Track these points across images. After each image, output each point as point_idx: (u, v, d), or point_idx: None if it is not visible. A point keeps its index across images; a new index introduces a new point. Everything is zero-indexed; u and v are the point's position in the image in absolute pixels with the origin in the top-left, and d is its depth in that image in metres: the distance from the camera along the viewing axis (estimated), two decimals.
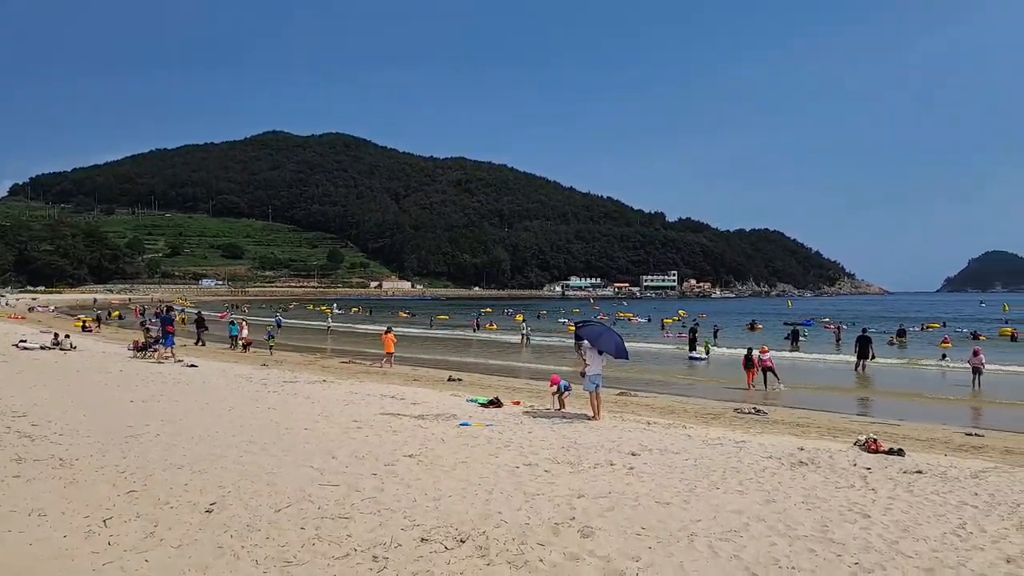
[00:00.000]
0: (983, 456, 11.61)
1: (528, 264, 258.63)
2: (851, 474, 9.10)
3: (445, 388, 19.20)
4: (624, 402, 17.82)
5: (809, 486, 8.31)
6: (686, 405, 17.72)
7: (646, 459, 9.60)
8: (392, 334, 27.54)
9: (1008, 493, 8.28)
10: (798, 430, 14.00)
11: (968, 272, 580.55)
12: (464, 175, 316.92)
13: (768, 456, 10.13)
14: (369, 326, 59.95)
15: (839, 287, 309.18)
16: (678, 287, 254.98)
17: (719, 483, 8.27)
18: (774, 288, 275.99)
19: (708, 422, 14.64)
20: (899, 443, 11.83)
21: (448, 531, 5.99)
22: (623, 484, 8.02)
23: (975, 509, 7.48)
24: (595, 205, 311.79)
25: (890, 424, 15.63)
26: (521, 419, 13.17)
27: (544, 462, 9.12)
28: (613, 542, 5.83)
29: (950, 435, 14.16)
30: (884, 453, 10.81)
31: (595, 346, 14.04)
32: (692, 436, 11.97)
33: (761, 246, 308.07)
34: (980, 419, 17.62)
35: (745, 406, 17.30)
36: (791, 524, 6.58)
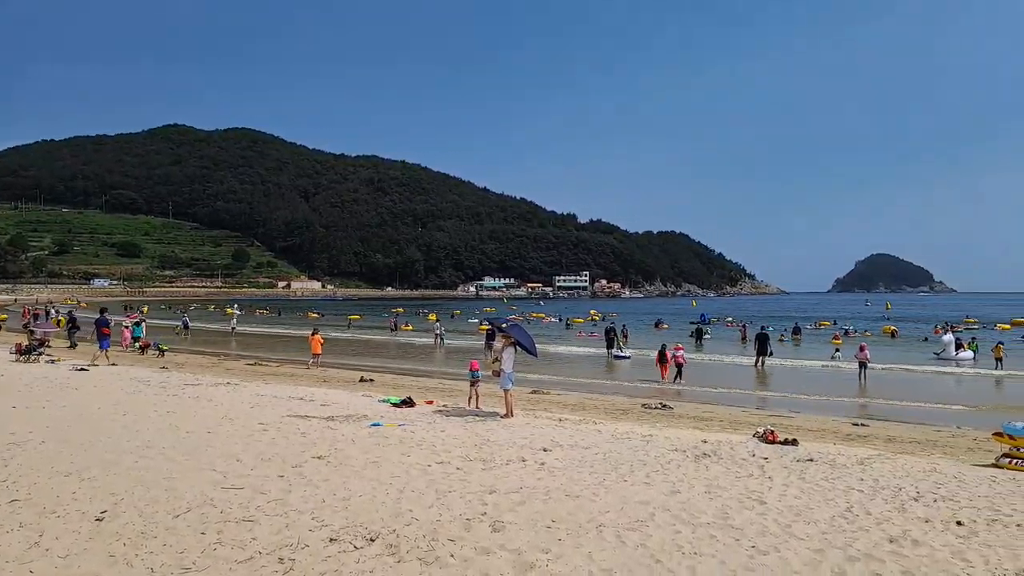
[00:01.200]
0: (868, 444, 12.42)
1: (442, 264, 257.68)
2: (750, 464, 9.54)
3: (357, 389, 18.86)
4: (537, 400, 18.02)
5: (711, 476, 8.65)
6: (597, 402, 18.10)
7: (558, 455, 9.74)
8: (320, 335, 27.13)
9: (890, 478, 8.88)
10: (702, 424, 14.56)
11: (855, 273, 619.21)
12: (377, 174, 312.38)
13: (674, 449, 10.48)
14: (277, 328, 58.16)
15: (740, 287, 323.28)
16: (590, 287, 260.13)
17: (627, 476, 8.49)
18: (680, 288, 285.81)
19: (617, 418, 15.00)
20: (793, 434, 12.47)
21: (357, 530, 5.89)
22: (535, 479, 8.11)
23: (861, 493, 7.98)
24: (509, 206, 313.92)
25: (785, 416, 16.50)
26: (434, 418, 13.10)
27: (456, 460, 9.10)
28: (524, 535, 5.90)
29: (839, 426, 15.08)
30: (780, 443, 11.38)
31: (527, 349, 14.14)
32: (602, 431, 12.23)
33: (668, 248, 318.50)
34: (866, 410, 18.82)
35: (652, 401, 17.83)
36: (694, 513, 6.84)
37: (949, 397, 22.24)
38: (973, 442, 12.98)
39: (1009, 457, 10.25)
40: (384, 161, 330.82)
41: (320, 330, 29.03)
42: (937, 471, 9.51)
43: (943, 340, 35.89)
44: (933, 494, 8.07)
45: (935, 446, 12.68)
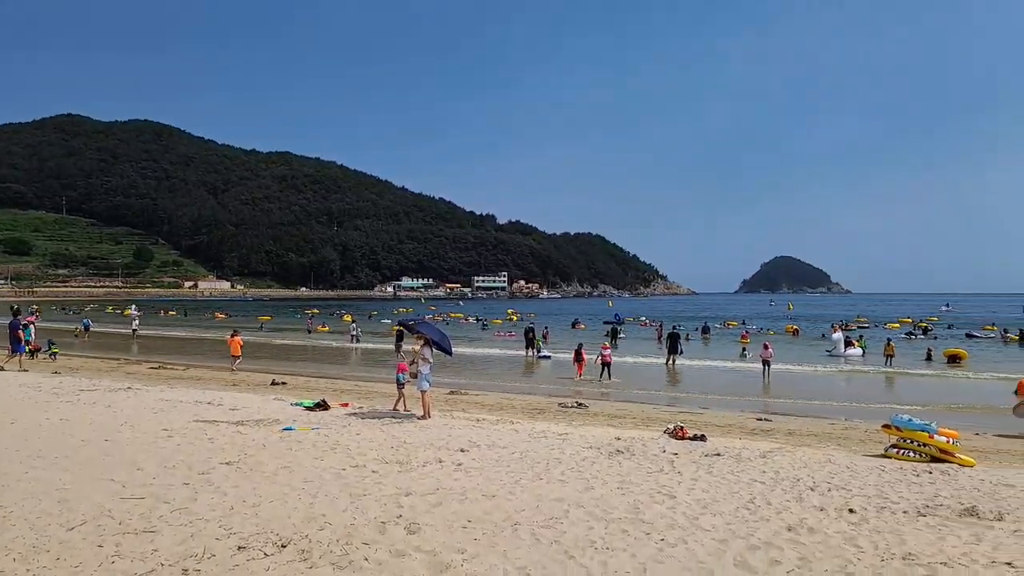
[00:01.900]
0: (771, 438, 13.02)
1: (359, 264, 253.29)
2: (661, 459, 9.84)
3: (268, 392, 18.29)
4: (455, 400, 17.99)
5: (624, 472, 8.87)
6: (515, 402, 18.23)
7: (474, 455, 9.75)
8: (239, 337, 26.22)
9: (790, 470, 9.35)
10: (616, 421, 14.90)
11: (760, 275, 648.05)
12: (290, 171, 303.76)
13: (588, 447, 10.68)
14: (183, 330, 55.74)
15: (654, 288, 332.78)
16: (508, 288, 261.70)
17: (543, 474, 8.59)
18: (596, 289, 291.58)
19: (534, 417, 15.15)
20: (702, 430, 12.96)
21: (268, 537, 5.72)
22: (451, 480, 8.10)
23: (763, 485, 8.37)
24: (427, 206, 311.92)
25: (695, 413, 17.11)
26: (349, 421, 12.87)
27: (372, 463, 8.98)
28: (440, 536, 5.88)
29: (745, 421, 15.76)
30: (689, 439, 11.80)
31: (440, 345, 14.04)
32: (519, 431, 12.33)
33: (585, 249, 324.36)
34: (769, 406, 19.73)
35: (568, 400, 18.11)
36: (607, 508, 7.00)
37: (844, 393, 23.63)
38: (865, 434, 13.82)
39: (896, 447, 10.96)
40: (298, 158, 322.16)
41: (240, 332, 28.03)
42: (832, 462, 10.08)
43: (833, 338, 38.31)
44: (828, 484, 8.55)
45: (830, 439, 13.43)
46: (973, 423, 15.87)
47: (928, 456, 10.56)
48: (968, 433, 13.84)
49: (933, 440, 10.69)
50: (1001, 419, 17.25)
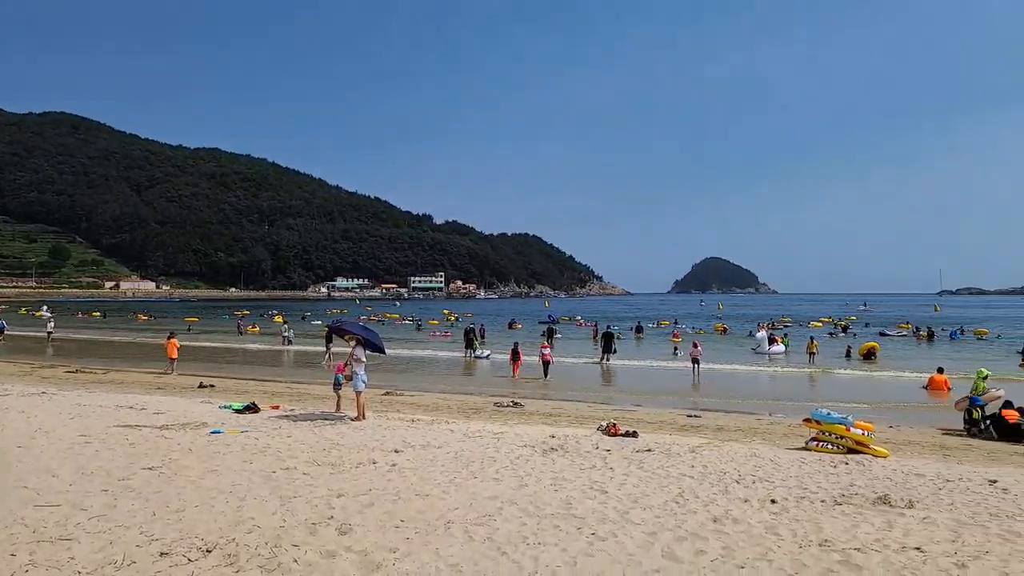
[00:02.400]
0: (700, 434, 13.39)
1: (291, 264, 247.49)
2: (593, 456, 10.00)
3: (195, 395, 17.73)
4: (389, 401, 17.82)
5: (558, 469, 8.98)
6: (451, 402, 18.18)
7: (409, 455, 9.70)
8: (176, 340, 25.43)
9: (717, 464, 9.65)
10: (551, 420, 15.05)
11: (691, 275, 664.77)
12: (219, 168, 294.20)
13: (523, 445, 10.76)
14: (103, 332, 53.41)
15: (589, 288, 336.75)
16: (445, 288, 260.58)
17: (477, 473, 8.62)
18: (533, 289, 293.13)
19: (470, 417, 15.16)
20: (635, 426, 13.22)
21: (193, 542, 5.55)
22: (385, 481, 8.04)
23: (691, 479, 8.61)
24: (362, 205, 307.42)
25: (628, 410, 17.43)
26: (280, 423, 12.60)
27: (303, 465, 8.82)
28: (372, 536, 5.83)
29: (675, 417, 16.14)
30: (621, 435, 12.03)
31: (373, 344, 13.86)
32: (454, 431, 12.32)
33: (522, 249, 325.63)
34: (699, 403, 20.28)
35: (504, 400, 18.19)
36: (540, 505, 7.08)
37: (769, 389, 24.51)
38: (788, 428, 14.36)
39: (816, 440, 11.44)
40: (227, 155, 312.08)
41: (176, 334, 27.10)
42: (756, 455, 10.45)
43: (757, 337, 39.89)
44: (752, 476, 8.86)
45: (756, 433, 13.90)
46: (887, 416, 16.69)
47: (845, 448, 11.06)
48: (882, 426, 14.55)
49: (850, 433, 11.21)
50: (912, 412, 18.24)
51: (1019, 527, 6.69)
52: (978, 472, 9.65)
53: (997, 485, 8.67)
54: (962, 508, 7.45)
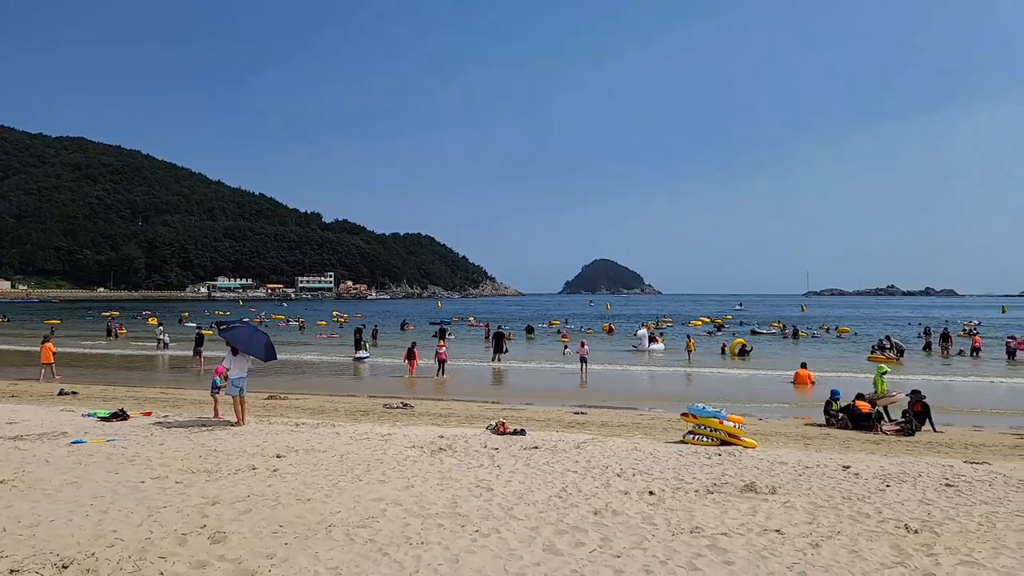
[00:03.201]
0: (585, 430, 13.78)
1: (168, 263, 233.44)
2: (482, 455, 10.07)
3: (55, 403, 16.41)
4: (273, 405, 17.21)
5: (445, 469, 8.99)
6: (338, 404, 17.78)
7: (292, 460, 9.41)
8: (51, 343, 23.68)
9: (600, 458, 9.96)
10: (440, 420, 15.02)
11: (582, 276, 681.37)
12: (85, 159, 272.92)
13: (411, 446, 10.69)
14: None
15: (482, 289, 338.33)
16: (335, 288, 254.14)
17: (363, 476, 8.48)
18: (426, 290, 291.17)
19: (358, 419, 14.89)
20: (523, 424, 13.43)
21: (47, 559, 5.15)
22: (265, 487, 7.76)
23: (575, 474, 8.84)
24: (247, 202, 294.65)
25: (517, 409, 17.67)
26: (152, 431, 11.88)
27: (176, 473, 8.37)
28: (247, 543, 5.61)
29: (562, 414, 16.52)
30: (510, 434, 12.18)
31: (246, 351, 13.26)
32: (341, 434, 12.05)
33: (414, 249, 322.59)
34: (586, 399, 20.83)
35: (394, 401, 17.97)
36: (425, 504, 7.06)
37: (652, 386, 25.56)
38: (668, 423, 15.03)
39: (693, 434, 12.05)
40: (94, 144, 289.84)
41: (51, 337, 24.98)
42: (638, 449, 10.87)
43: (638, 334, 41.72)
44: (633, 469, 9.21)
45: (638, 428, 14.46)
46: (756, 409, 17.78)
47: (719, 440, 11.71)
48: (752, 418, 15.52)
49: (723, 426, 11.88)
50: (779, 405, 19.52)
51: (867, 508, 7.31)
52: (834, 459, 10.46)
53: (850, 470, 9.43)
54: (819, 492, 8.05)
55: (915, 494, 8.05)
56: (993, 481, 8.85)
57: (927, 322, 61.27)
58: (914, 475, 9.16)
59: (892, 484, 8.56)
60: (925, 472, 9.39)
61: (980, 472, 9.52)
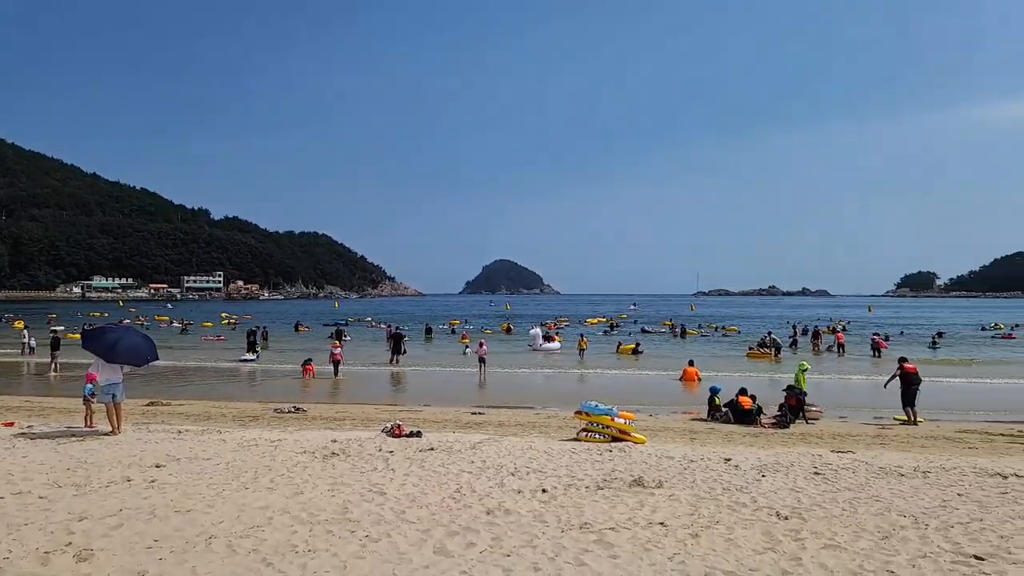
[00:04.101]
0: (482, 430, 13.84)
1: (35, 261, 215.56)
2: (376, 458, 9.93)
3: None
4: (154, 412, 16.30)
5: (337, 474, 8.79)
6: (225, 409, 17.06)
7: (172, 469, 8.95)
8: None
9: (496, 458, 10.03)
10: (334, 423, 14.69)
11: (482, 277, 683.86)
12: None
13: (303, 451, 10.39)
14: None
15: (381, 289, 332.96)
16: (224, 288, 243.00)
17: (249, 483, 8.18)
18: (322, 290, 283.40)
19: (246, 424, 14.35)
20: (420, 426, 13.31)
21: None
22: (140, 499, 7.34)
23: (470, 475, 8.87)
24: (126, 196, 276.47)
25: (414, 410, 17.53)
26: (14, 443, 10.98)
27: (40, 488, 7.77)
28: (117, 560, 5.29)
29: (460, 415, 16.52)
30: (405, 436, 12.06)
31: (110, 360, 12.40)
32: (227, 440, 11.56)
33: (310, 249, 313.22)
34: (484, 399, 20.93)
35: (285, 405, 17.42)
36: (314, 511, 6.88)
37: (548, 385, 26.00)
38: (563, 421, 15.32)
39: (586, 431, 12.34)
40: None
41: None
42: (532, 448, 11.03)
43: (531, 333, 42.55)
44: (527, 468, 9.34)
45: (534, 427, 14.67)
46: (647, 406, 18.38)
47: (611, 437, 12.05)
48: (643, 415, 16.05)
49: (614, 423, 12.24)
50: (668, 402, 20.29)
51: (745, 498, 7.73)
52: (716, 452, 11.00)
53: (731, 462, 9.94)
54: (701, 484, 8.45)
55: (787, 483, 8.59)
56: (856, 469, 9.57)
57: (804, 321, 65.47)
58: (787, 465, 9.77)
59: (767, 474, 9.10)
60: (797, 462, 10.03)
61: (845, 460, 10.27)
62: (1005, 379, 26.18)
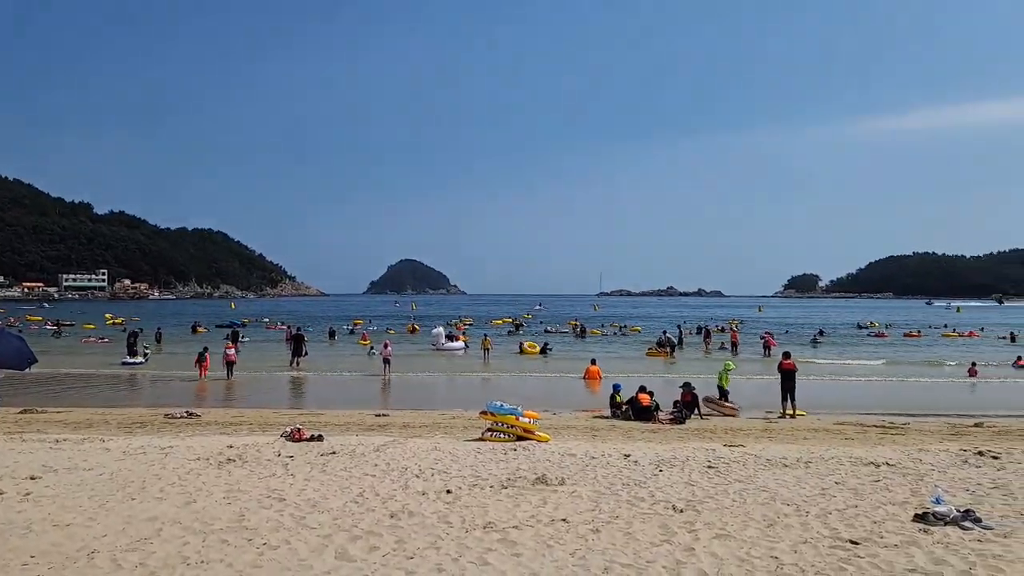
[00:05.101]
0: (386, 433, 13.68)
1: None
2: (275, 463, 9.62)
3: None
4: (28, 420, 15.17)
5: (233, 481, 8.47)
6: (110, 416, 16.10)
7: (49, 481, 8.36)
8: None
9: (400, 460, 9.94)
10: (230, 428, 14.15)
11: (387, 276, 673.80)
12: None
13: (196, 458, 9.95)
14: None
15: (281, 289, 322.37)
16: (109, 287, 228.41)
17: (136, 494, 7.75)
18: (218, 290, 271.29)
19: (133, 431, 13.61)
20: (322, 429, 13.03)
21: None
22: (13, 513, 6.82)
23: (374, 478, 8.74)
24: None
25: (315, 413, 17.11)
26: None
27: None
28: None
29: (364, 417, 16.27)
30: (306, 440, 11.75)
31: None
32: (112, 448, 10.91)
33: (204, 246, 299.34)
34: (388, 401, 20.69)
35: (177, 410, 16.62)
36: (208, 520, 6.60)
37: (455, 385, 25.99)
38: (468, 421, 15.36)
39: (492, 431, 12.42)
40: None
41: None
42: (438, 449, 10.99)
43: (433, 333, 42.71)
44: (432, 469, 9.30)
45: (439, 428, 14.64)
46: (551, 404, 18.71)
47: (515, 436, 12.18)
48: (547, 413, 16.34)
49: (519, 422, 12.39)
50: (572, 400, 20.72)
51: (643, 493, 8.00)
52: (617, 448, 11.33)
53: (630, 458, 10.26)
54: (602, 481, 8.68)
55: (683, 477, 8.96)
56: (746, 461, 10.10)
57: (700, 321, 68.29)
58: (683, 459, 10.18)
59: (664, 469, 9.45)
60: (692, 456, 10.48)
61: (736, 454, 10.81)
62: (880, 377, 28.30)
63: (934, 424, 16.12)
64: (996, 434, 14.48)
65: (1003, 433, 14.60)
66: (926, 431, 14.91)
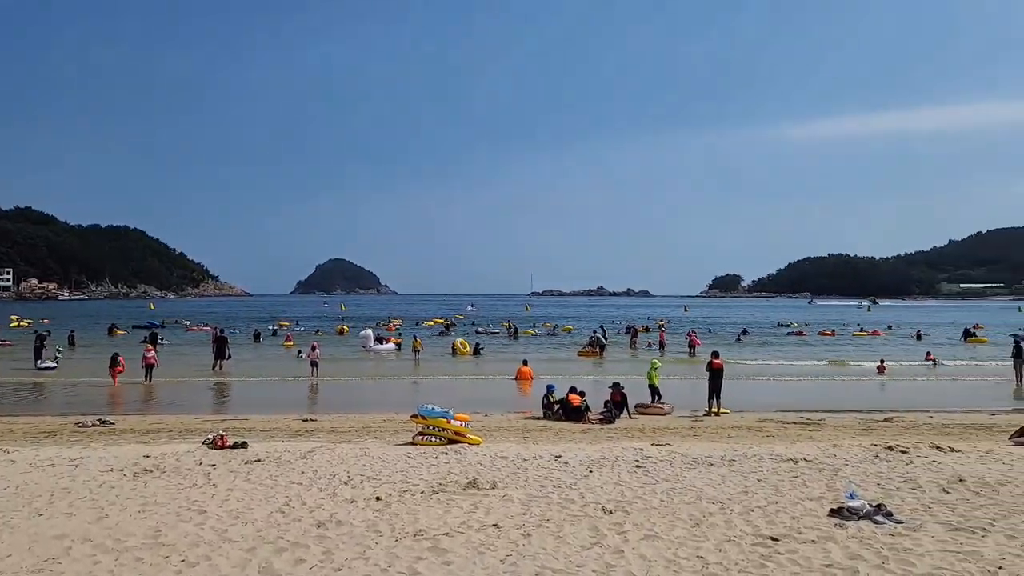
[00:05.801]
0: (313, 438, 13.33)
1: None
2: (195, 473, 9.27)
3: None
4: None
5: (150, 493, 8.12)
6: (13, 425, 15.16)
7: None
8: None
9: (328, 467, 9.73)
10: (147, 437, 13.54)
11: (315, 276, 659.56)
12: None
13: (109, 469, 9.48)
14: None
15: (204, 288, 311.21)
16: (14, 287, 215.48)
17: (43, 509, 7.33)
18: (135, 289, 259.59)
19: (40, 441, 12.85)
20: (245, 436, 12.61)
21: None
22: None
23: (300, 486, 8.53)
24: None
25: (240, 419, 16.55)
26: None
27: None
28: None
29: (290, 423, 15.84)
30: (230, 448, 11.35)
31: None
32: (16, 460, 10.29)
33: (121, 244, 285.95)
34: (316, 405, 20.23)
35: (88, 418, 15.78)
36: (122, 537, 6.30)
37: (385, 388, 25.67)
38: (399, 425, 15.13)
39: (423, 434, 12.30)
40: None
41: None
42: (367, 454, 10.82)
43: (361, 335, 42.15)
44: (361, 476, 9.14)
45: (369, 432, 14.38)
46: (483, 406, 18.66)
47: (447, 439, 12.10)
48: (478, 416, 16.29)
49: (450, 425, 12.31)
50: (504, 401, 20.75)
51: (573, 494, 8.08)
52: (548, 450, 11.40)
53: (560, 459, 10.34)
54: (533, 483, 8.71)
55: (612, 477, 9.08)
56: (673, 460, 10.33)
57: (627, 320, 69.55)
58: (612, 460, 10.33)
59: (595, 469, 9.57)
60: (621, 456, 10.64)
61: (664, 453, 11.05)
62: (799, 376, 29.47)
63: (848, 420, 16.87)
64: (904, 429, 15.26)
65: (910, 428, 15.41)
66: (840, 427, 15.58)
